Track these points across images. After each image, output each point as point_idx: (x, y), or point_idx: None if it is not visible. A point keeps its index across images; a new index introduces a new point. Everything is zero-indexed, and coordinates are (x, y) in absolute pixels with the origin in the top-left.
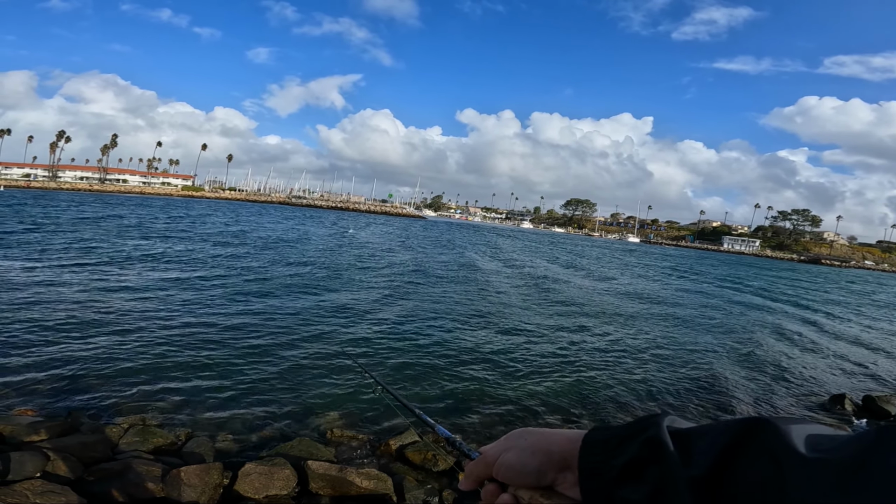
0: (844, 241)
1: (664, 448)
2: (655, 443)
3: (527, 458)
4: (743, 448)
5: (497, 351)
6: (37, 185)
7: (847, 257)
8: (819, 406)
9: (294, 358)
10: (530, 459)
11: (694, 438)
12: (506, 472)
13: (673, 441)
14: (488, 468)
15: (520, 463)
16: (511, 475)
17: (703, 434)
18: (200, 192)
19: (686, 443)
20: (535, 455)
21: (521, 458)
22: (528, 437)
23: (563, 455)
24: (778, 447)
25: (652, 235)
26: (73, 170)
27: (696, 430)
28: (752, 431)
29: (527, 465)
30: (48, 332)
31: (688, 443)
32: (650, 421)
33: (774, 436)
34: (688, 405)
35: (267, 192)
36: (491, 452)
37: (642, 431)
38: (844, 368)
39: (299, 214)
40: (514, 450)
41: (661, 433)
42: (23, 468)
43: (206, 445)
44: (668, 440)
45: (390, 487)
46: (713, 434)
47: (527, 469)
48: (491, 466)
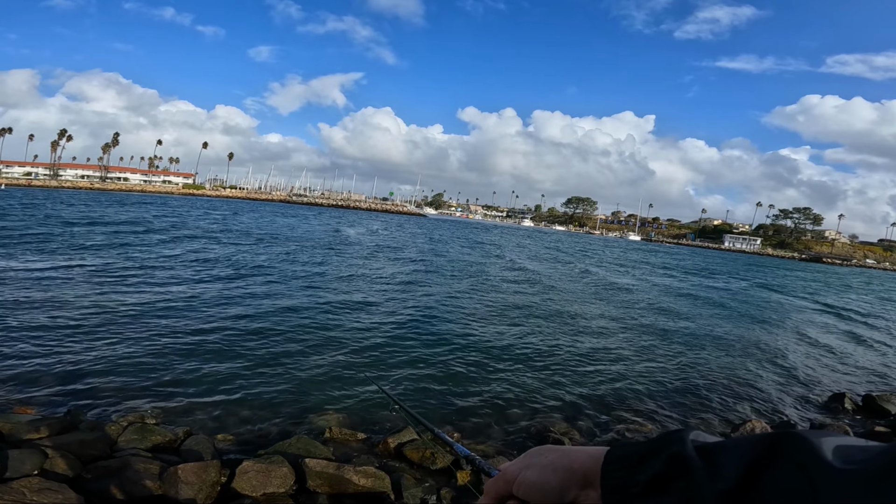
0: (846, 239)
1: (691, 461)
2: (681, 458)
3: (548, 475)
4: (772, 460)
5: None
6: (38, 184)
7: (848, 256)
8: (818, 405)
9: (294, 358)
10: (552, 477)
11: (720, 452)
12: (526, 489)
13: (699, 454)
14: (508, 485)
15: (541, 480)
16: (532, 493)
17: (730, 448)
18: (201, 191)
19: (712, 457)
20: (557, 472)
21: (542, 476)
22: (549, 454)
23: (584, 472)
24: (808, 459)
25: (653, 234)
26: (75, 168)
27: (721, 444)
28: (780, 444)
29: (548, 483)
30: (51, 331)
31: (714, 456)
32: (675, 436)
33: (804, 447)
34: (688, 404)
35: (268, 190)
36: (511, 470)
37: (666, 447)
38: (848, 365)
39: (303, 212)
40: (534, 467)
41: (686, 448)
42: (21, 466)
43: (205, 443)
44: (693, 455)
45: (388, 485)
46: (741, 448)
47: (548, 486)
48: (511, 484)
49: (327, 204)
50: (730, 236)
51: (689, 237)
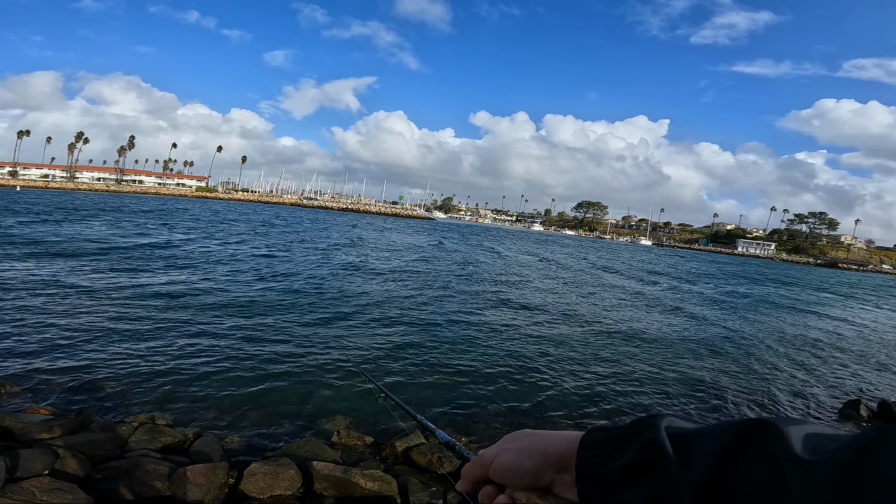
0: (862, 244)
1: (663, 451)
2: (654, 445)
3: (524, 459)
4: (743, 450)
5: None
6: (55, 186)
7: (864, 261)
8: (833, 410)
9: (303, 362)
10: (527, 460)
11: (693, 440)
12: (502, 473)
13: (672, 443)
14: (484, 469)
15: (516, 464)
16: (507, 476)
17: (702, 436)
18: (214, 193)
19: (685, 445)
20: (532, 456)
21: (517, 459)
22: (525, 438)
23: (560, 456)
24: (778, 449)
25: (664, 238)
26: (91, 171)
27: (695, 431)
28: (752, 433)
29: (523, 466)
30: (66, 333)
31: (687, 445)
32: (648, 423)
33: (774, 437)
34: (704, 406)
35: (279, 193)
36: (487, 454)
37: (641, 433)
38: (866, 371)
39: (317, 216)
40: (510, 451)
41: (659, 436)
42: (31, 465)
43: (214, 445)
44: (666, 443)
45: (395, 489)
46: (713, 436)
47: (523, 470)
48: (487, 467)
49: (337, 207)
50: (743, 241)
51: (700, 242)
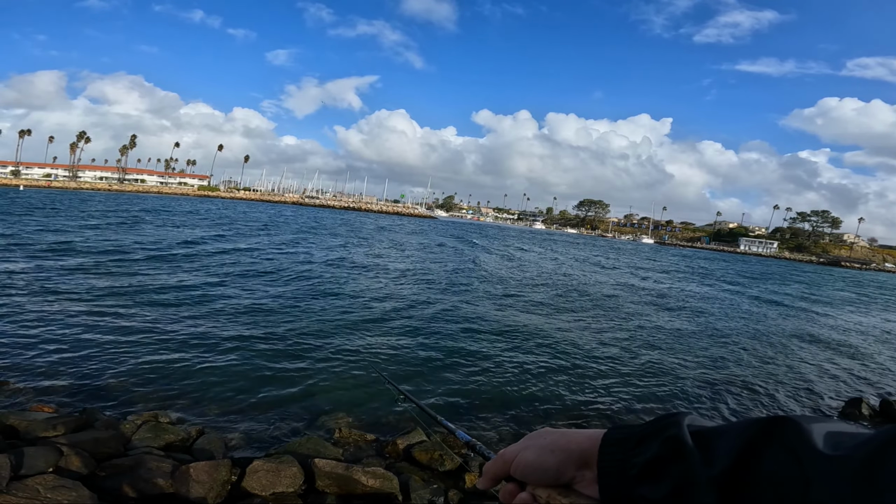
0: (865, 243)
1: (685, 447)
2: (676, 441)
3: (546, 456)
4: (764, 446)
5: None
6: (57, 185)
7: (867, 259)
8: (834, 410)
9: (305, 358)
10: (549, 457)
11: (714, 437)
12: (524, 470)
13: (693, 440)
14: (506, 466)
15: (539, 460)
16: (529, 473)
17: (723, 433)
18: (216, 192)
19: (706, 442)
20: (554, 453)
21: (540, 456)
22: (548, 436)
23: (582, 453)
24: (799, 445)
25: (667, 237)
26: (93, 170)
27: (716, 429)
28: (772, 430)
29: (545, 463)
30: (69, 331)
31: (708, 442)
32: (671, 420)
33: (795, 434)
34: (713, 405)
35: (280, 192)
36: (509, 452)
37: (663, 430)
38: (868, 370)
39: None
40: (532, 448)
41: (681, 432)
42: (35, 463)
43: (217, 442)
44: (688, 439)
45: (396, 486)
46: (734, 433)
47: (545, 466)
48: (509, 465)
49: (339, 206)
50: (745, 239)
51: (703, 240)
